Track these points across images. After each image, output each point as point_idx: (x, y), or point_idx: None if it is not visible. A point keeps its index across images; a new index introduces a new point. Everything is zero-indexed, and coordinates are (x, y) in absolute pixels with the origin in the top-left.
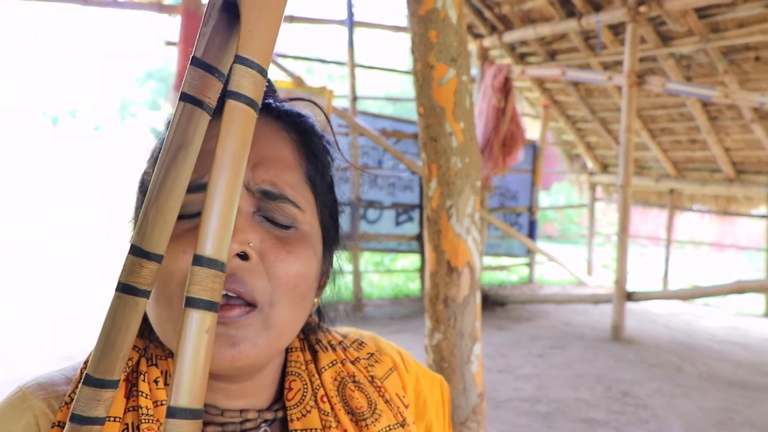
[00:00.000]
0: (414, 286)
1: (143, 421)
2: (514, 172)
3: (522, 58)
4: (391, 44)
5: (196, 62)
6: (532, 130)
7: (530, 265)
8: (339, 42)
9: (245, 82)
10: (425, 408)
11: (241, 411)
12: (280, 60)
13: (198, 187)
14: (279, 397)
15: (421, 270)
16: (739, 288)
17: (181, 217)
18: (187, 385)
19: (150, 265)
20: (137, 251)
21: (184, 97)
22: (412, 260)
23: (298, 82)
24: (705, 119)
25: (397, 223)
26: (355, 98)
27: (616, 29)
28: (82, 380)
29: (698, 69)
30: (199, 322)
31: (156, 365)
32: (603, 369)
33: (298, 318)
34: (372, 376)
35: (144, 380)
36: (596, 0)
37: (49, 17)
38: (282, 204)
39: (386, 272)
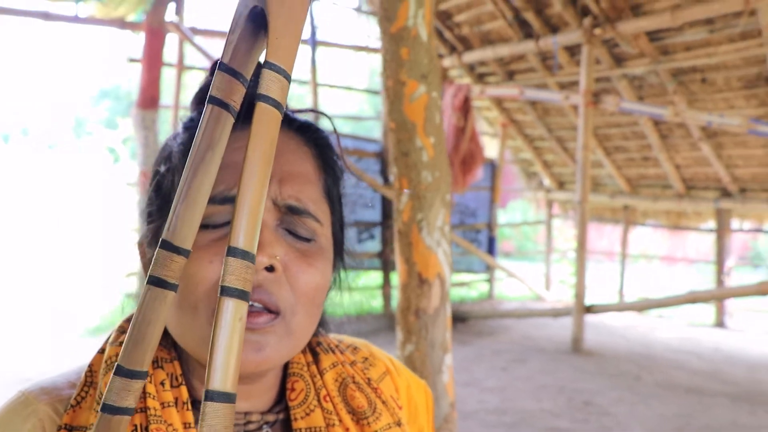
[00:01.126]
0: (376, 303)
1: (152, 422)
2: (474, 189)
3: (481, 78)
4: (350, 64)
5: (223, 67)
6: (490, 148)
7: (490, 281)
8: (301, 61)
9: (273, 86)
10: (417, 412)
11: (245, 413)
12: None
13: (223, 199)
14: (280, 399)
15: (383, 287)
16: (692, 298)
17: (206, 227)
18: (223, 370)
19: (179, 259)
20: (168, 246)
21: (212, 100)
22: (374, 277)
23: None
24: (656, 137)
25: (359, 241)
26: (317, 117)
27: (572, 51)
28: (113, 371)
29: (650, 89)
30: (233, 310)
31: (162, 368)
32: (565, 380)
33: (313, 325)
34: (369, 378)
35: (151, 382)
36: (553, 22)
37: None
38: (305, 218)
39: (348, 289)
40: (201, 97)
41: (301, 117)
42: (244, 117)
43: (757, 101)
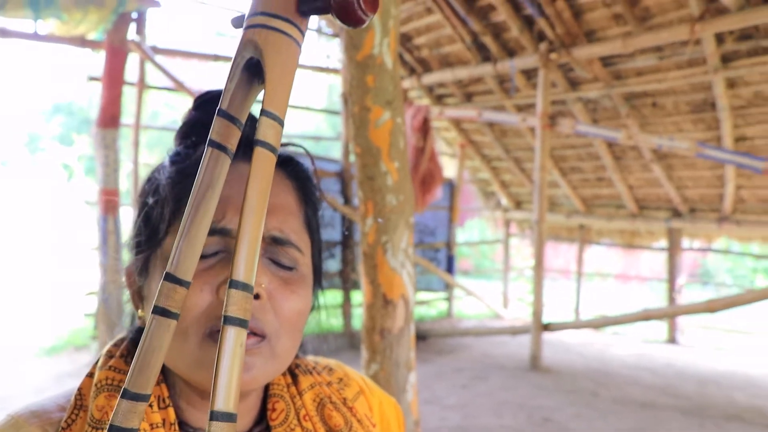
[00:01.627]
0: (336, 322)
1: None
2: (433, 209)
3: (439, 100)
4: (308, 83)
5: (222, 113)
6: (449, 168)
7: (449, 299)
8: None
9: (270, 132)
10: (389, 428)
11: None
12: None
13: (212, 231)
14: (260, 419)
15: (344, 306)
16: (646, 316)
17: None
18: (225, 392)
19: (181, 291)
20: (172, 278)
21: (212, 143)
22: (334, 296)
23: None
24: (610, 159)
25: None
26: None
27: (529, 74)
28: (120, 395)
29: (603, 112)
30: (235, 337)
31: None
32: (524, 397)
33: (295, 348)
34: (344, 398)
35: None
36: (510, 47)
37: None
38: (287, 248)
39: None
40: (185, 132)
41: (283, 151)
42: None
43: (703, 125)
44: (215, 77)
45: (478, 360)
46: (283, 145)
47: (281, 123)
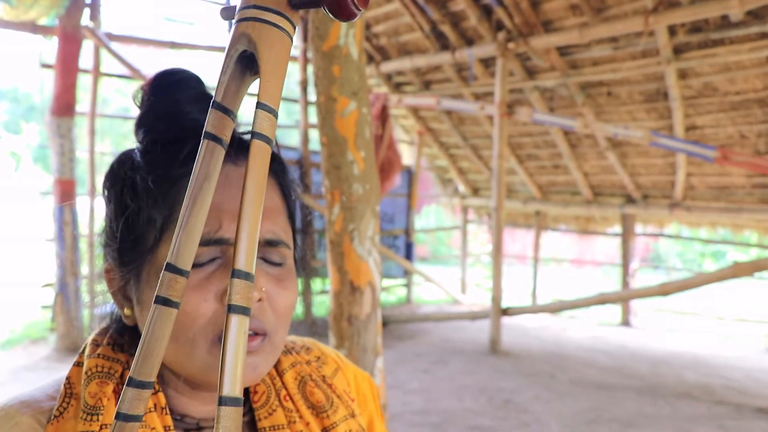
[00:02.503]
0: (297, 309)
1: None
2: (391, 196)
3: (398, 87)
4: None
5: (216, 105)
6: (407, 155)
7: (408, 285)
8: (206, 79)
9: (266, 123)
10: (365, 402)
11: (214, 419)
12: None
13: (208, 241)
14: (244, 401)
15: (304, 293)
16: (602, 300)
17: (193, 266)
18: (231, 378)
19: (182, 280)
20: (173, 268)
21: (208, 135)
22: None
23: None
24: (566, 146)
25: None
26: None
27: (487, 63)
28: (126, 383)
29: (560, 101)
30: (239, 325)
31: None
32: (485, 380)
33: (287, 336)
34: (323, 376)
35: None
36: (469, 35)
37: None
38: (279, 248)
39: None
40: (143, 122)
41: None
42: (194, 148)
43: (656, 114)
44: (173, 65)
45: (438, 345)
46: (245, 133)
47: (276, 115)
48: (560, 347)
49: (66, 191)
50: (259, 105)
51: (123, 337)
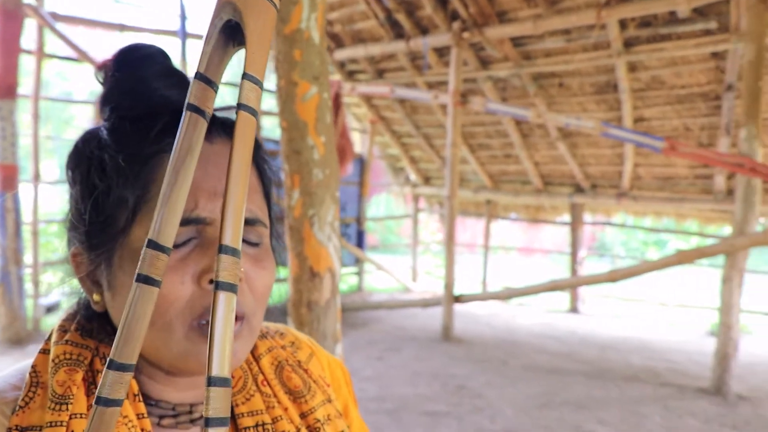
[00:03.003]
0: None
1: None
2: (343, 184)
3: (351, 75)
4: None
5: (199, 76)
6: (359, 144)
7: (359, 273)
8: (172, 54)
9: (252, 95)
10: (339, 387)
11: (191, 405)
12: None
13: (185, 221)
14: None
15: None
16: (553, 286)
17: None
18: (220, 358)
19: (164, 257)
20: (155, 245)
21: (190, 107)
22: None
23: None
24: (518, 136)
25: None
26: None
27: (441, 52)
28: (106, 365)
29: (512, 91)
30: (226, 302)
31: None
32: (438, 367)
33: (263, 318)
34: (299, 361)
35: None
36: (424, 24)
37: None
38: (257, 227)
39: None
40: (109, 99)
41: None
42: (166, 125)
43: (606, 106)
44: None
45: (390, 332)
46: (218, 109)
47: (261, 86)
48: (511, 334)
49: (8, 177)
50: (245, 76)
51: (91, 323)
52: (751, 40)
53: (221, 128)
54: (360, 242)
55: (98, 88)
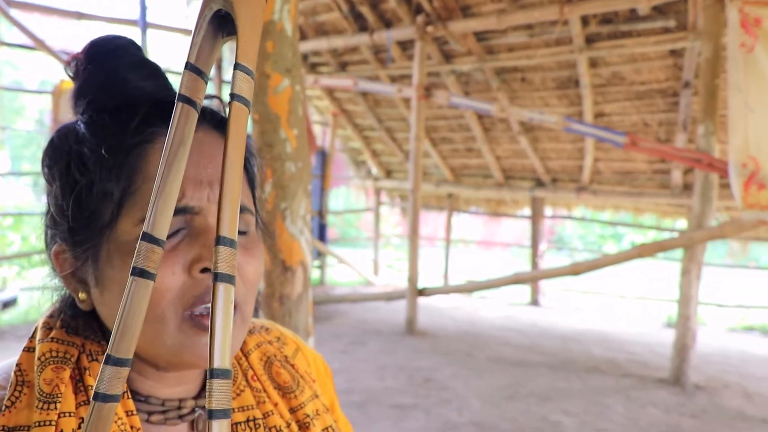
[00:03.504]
0: None
1: None
2: None
3: (313, 68)
4: (181, 47)
5: (189, 67)
6: (321, 137)
7: (321, 267)
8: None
9: (245, 86)
10: (324, 383)
11: (180, 400)
12: (66, 58)
13: (176, 210)
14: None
15: None
16: (516, 279)
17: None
18: (221, 350)
19: (159, 250)
20: (150, 238)
21: (182, 98)
22: None
23: None
24: (480, 130)
25: None
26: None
27: (404, 45)
28: (103, 360)
29: (475, 85)
30: (225, 293)
31: (97, 360)
32: (403, 360)
33: (253, 307)
34: (285, 356)
35: (89, 375)
36: (387, 17)
37: None
38: (244, 215)
39: None
40: (83, 93)
41: (213, 107)
42: (146, 115)
43: (567, 101)
44: (80, 37)
45: (354, 326)
46: (210, 97)
47: (252, 75)
48: (474, 326)
49: None
50: (237, 66)
51: (76, 320)
52: (708, 39)
53: (203, 116)
54: (322, 235)
55: (50, 78)
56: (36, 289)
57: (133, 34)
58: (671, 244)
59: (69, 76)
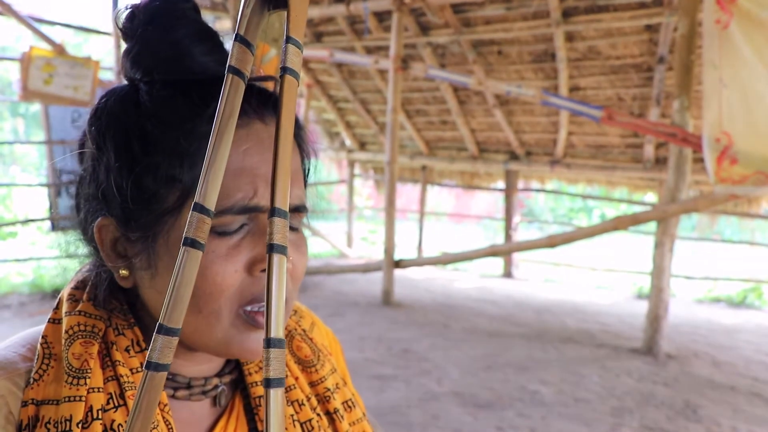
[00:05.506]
0: None
1: (126, 388)
2: None
3: None
4: None
5: (239, 39)
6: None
7: None
8: (104, 12)
9: (296, 59)
10: (338, 357)
11: (205, 378)
12: (38, 26)
13: (242, 209)
14: (228, 361)
15: None
16: (493, 251)
17: (222, 234)
18: (276, 319)
19: (208, 221)
20: (201, 209)
21: (231, 70)
22: None
23: (60, 50)
24: (455, 103)
25: None
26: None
27: (381, 17)
28: (156, 330)
29: (451, 58)
30: (280, 264)
31: (123, 334)
32: (381, 331)
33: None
34: (304, 330)
35: (117, 349)
36: None
37: None
38: (302, 213)
39: None
40: (140, 62)
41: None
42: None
43: (543, 74)
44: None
45: (331, 298)
46: (254, 80)
47: (301, 48)
48: (449, 298)
49: None
50: (289, 39)
51: (103, 293)
52: (684, 15)
53: (274, 108)
54: None
55: (12, 44)
56: (60, 257)
57: (105, 2)
58: (646, 216)
59: (120, 30)
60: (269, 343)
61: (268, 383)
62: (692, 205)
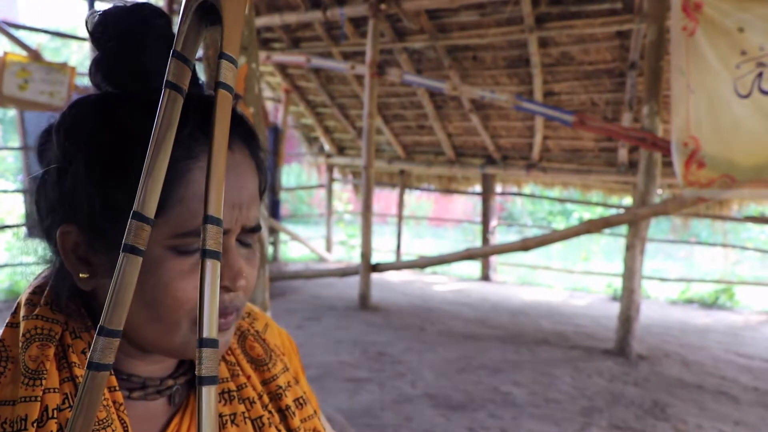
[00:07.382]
0: None
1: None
2: None
3: (265, 44)
4: None
5: (176, 54)
6: (273, 113)
7: (275, 244)
8: (82, 16)
9: (229, 74)
10: (291, 357)
11: (161, 379)
12: (13, 31)
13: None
14: (182, 361)
15: None
16: (469, 255)
17: (184, 253)
18: (209, 321)
19: (147, 228)
20: (140, 217)
21: (169, 84)
22: None
23: (35, 56)
24: (432, 108)
25: None
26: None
27: (357, 22)
28: (96, 332)
29: (427, 63)
30: (213, 270)
31: (80, 337)
32: (357, 334)
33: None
34: (257, 331)
35: (73, 352)
36: None
37: None
38: (256, 232)
39: None
40: (110, 74)
41: (239, 113)
42: (193, 130)
43: (518, 80)
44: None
45: (308, 302)
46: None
47: (236, 63)
48: (426, 301)
49: None
50: (222, 56)
51: (60, 297)
52: (652, 22)
53: (238, 136)
54: (275, 212)
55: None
56: (18, 264)
57: (81, 7)
58: (617, 220)
59: (90, 35)
60: (202, 342)
61: (200, 381)
62: (662, 208)
